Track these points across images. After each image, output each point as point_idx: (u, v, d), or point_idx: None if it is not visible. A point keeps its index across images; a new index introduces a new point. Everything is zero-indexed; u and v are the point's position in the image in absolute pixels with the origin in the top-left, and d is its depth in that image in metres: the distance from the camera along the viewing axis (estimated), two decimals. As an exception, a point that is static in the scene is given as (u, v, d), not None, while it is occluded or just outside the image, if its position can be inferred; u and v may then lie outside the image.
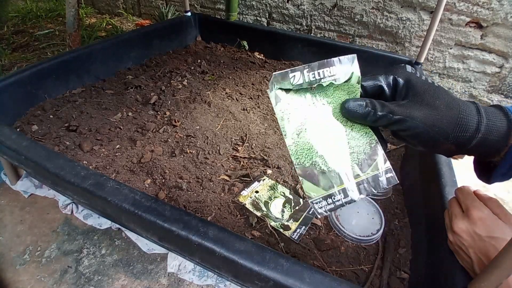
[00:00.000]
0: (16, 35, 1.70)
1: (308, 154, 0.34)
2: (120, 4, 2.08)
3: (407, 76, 0.34)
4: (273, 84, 0.34)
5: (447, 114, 0.32)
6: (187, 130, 0.86)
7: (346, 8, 1.39)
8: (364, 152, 0.34)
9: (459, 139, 0.32)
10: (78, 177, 0.55)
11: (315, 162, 0.34)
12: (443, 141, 0.32)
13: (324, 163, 0.34)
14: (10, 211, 0.81)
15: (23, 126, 0.81)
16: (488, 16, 1.15)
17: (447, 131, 0.32)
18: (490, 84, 1.27)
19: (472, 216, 0.40)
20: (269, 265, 0.42)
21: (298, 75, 0.34)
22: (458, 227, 0.41)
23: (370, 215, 0.67)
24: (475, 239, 0.39)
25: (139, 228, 0.54)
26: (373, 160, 0.34)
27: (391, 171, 0.34)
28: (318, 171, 0.34)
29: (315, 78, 0.34)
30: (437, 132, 0.32)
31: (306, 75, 0.34)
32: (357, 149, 0.34)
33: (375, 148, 0.34)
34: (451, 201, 0.46)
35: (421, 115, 0.32)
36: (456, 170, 0.62)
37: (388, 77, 0.34)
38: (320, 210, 0.33)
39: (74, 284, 0.67)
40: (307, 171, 0.34)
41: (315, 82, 0.34)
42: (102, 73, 1.07)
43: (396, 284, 0.56)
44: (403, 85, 0.34)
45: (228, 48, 1.41)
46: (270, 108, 1.00)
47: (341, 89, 0.35)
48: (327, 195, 0.33)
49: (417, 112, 0.32)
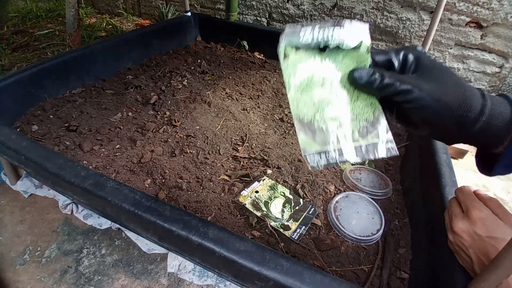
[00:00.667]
0: (16, 35, 1.70)
1: (308, 110, 0.34)
2: (120, 4, 2.08)
3: (417, 54, 0.34)
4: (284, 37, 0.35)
5: (453, 90, 0.32)
6: (187, 130, 0.86)
7: (346, 8, 1.39)
8: (366, 120, 0.34)
9: (463, 119, 0.32)
10: (78, 177, 0.55)
11: (314, 119, 0.34)
12: (447, 118, 0.32)
13: (323, 121, 0.34)
14: (10, 211, 0.81)
15: (23, 126, 0.81)
16: (488, 16, 1.15)
17: (451, 107, 0.31)
18: (490, 84, 1.27)
19: (472, 216, 0.40)
20: (269, 265, 0.42)
21: (308, 31, 0.34)
22: (458, 227, 0.41)
23: (370, 215, 0.67)
24: (475, 239, 0.39)
25: (139, 228, 0.54)
26: (375, 128, 0.34)
27: (392, 142, 0.34)
28: (316, 127, 0.34)
29: (323, 38, 0.34)
30: (442, 107, 0.31)
31: (316, 33, 0.34)
32: (360, 117, 0.34)
33: (378, 117, 0.34)
34: (451, 201, 0.46)
35: (428, 87, 0.32)
36: (456, 170, 0.62)
37: (399, 53, 0.35)
38: (313, 163, 0.33)
39: (74, 284, 0.67)
40: (305, 126, 0.34)
41: (323, 42, 0.34)
42: (102, 73, 1.07)
43: (396, 284, 0.56)
44: (412, 61, 0.34)
45: (228, 48, 1.41)
46: (270, 108, 1.00)
47: (350, 57, 0.35)
48: (322, 151, 0.33)
49: (424, 84, 0.32)
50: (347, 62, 0.35)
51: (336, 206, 0.68)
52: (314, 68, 0.35)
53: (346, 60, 0.35)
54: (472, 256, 0.39)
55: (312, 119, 0.34)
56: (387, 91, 0.32)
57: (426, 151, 0.71)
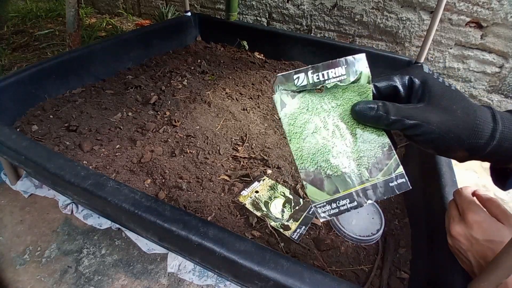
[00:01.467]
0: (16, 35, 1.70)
1: (313, 158, 0.33)
2: (120, 4, 2.08)
3: (423, 77, 0.33)
4: (278, 86, 0.34)
5: (463, 120, 0.30)
6: (187, 130, 0.86)
7: (346, 8, 1.39)
8: (375, 156, 0.33)
9: (474, 146, 0.31)
10: (78, 177, 0.55)
11: (320, 167, 0.33)
12: (457, 147, 0.31)
13: (330, 167, 0.33)
14: (10, 211, 0.81)
15: (23, 126, 0.81)
16: (488, 16, 1.15)
17: (462, 137, 0.31)
18: (490, 84, 1.27)
19: (468, 220, 0.39)
20: (269, 265, 0.42)
21: (302, 76, 0.33)
22: (455, 231, 0.41)
23: (370, 215, 0.67)
24: (472, 243, 0.39)
25: (139, 228, 0.54)
26: (385, 164, 0.32)
27: (404, 176, 0.32)
28: (323, 175, 0.33)
29: (319, 80, 0.33)
30: (452, 138, 0.31)
31: (310, 76, 0.33)
32: (367, 153, 0.33)
33: (388, 152, 0.33)
34: (449, 204, 0.45)
35: (437, 120, 0.30)
36: (456, 170, 0.62)
37: (403, 77, 0.33)
38: (324, 214, 0.32)
39: (74, 284, 0.67)
40: (311, 176, 0.33)
41: (320, 83, 0.33)
42: (102, 73, 1.07)
43: (396, 284, 0.56)
44: (419, 86, 0.33)
45: (228, 48, 1.41)
46: (270, 108, 1.00)
47: (350, 90, 0.34)
48: (332, 199, 0.32)
49: (433, 116, 0.30)
50: (348, 96, 0.34)
51: (336, 206, 0.68)
52: (314, 110, 0.34)
53: (346, 94, 0.34)
54: (471, 259, 0.39)
55: (318, 167, 0.33)
56: (393, 127, 0.31)
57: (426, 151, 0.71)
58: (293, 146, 0.34)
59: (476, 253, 0.38)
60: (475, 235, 0.38)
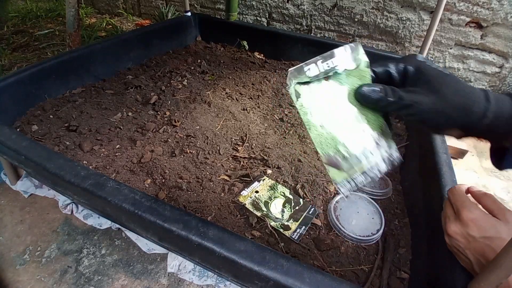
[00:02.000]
0: (16, 35, 1.70)
1: (332, 143, 0.37)
2: (120, 4, 2.08)
3: (417, 64, 0.36)
4: (291, 80, 0.37)
5: (454, 101, 0.33)
6: (187, 130, 0.86)
7: (346, 8, 1.39)
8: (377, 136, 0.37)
9: (467, 124, 0.33)
10: (78, 177, 0.55)
11: (338, 150, 0.37)
12: (449, 125, 0.34)
13: (345, 150, 0.37)
14: (10, 211, 0.81)
15: (23, 126, 0.81)
16: (488, 16, 1.15)
17: (452, 117, 0.33)
18: (490, 84, 1.27)
19: (463, 218, 0.40)
20: (269, 265, 0.42)
21: (313, 67, 0.37)
22: (451, 230, 0.41)
23: (370, 215, 0.67)
24: (469, 241, 0.39)
25: (139, 228, 0.54)
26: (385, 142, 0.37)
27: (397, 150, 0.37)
28: (341, 157, 0.37)
29: (329, 67, 0.37)
30: (443, 117, 0.33)
31: (320, 66, 0.36)
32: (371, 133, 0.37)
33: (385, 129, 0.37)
34: (445, 203, 0.46)
35: (428, 101, 0.33)
36: (456, 170, 0.62)
37: (398, 65, 0.37)
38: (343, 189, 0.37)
39: (74, 284, 0.67)
40: (332, 160, 0.37)
41: (330, 71, 0.37)
42: (102, 73, 1.07)
43: (396, 284, 0.56)
44: (413, 72, 0.36)
45: (228, 48, 1.41)
46: (270, 108, 1.00)
47: (352, 75, 0.38)
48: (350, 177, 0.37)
49: (424, 98, 0.33)
50: (351, 80, 0.38)
51: (336, 206, 0.68)
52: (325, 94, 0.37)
53: (349, 79, 0.38)
54: (470, 257, 0.39)
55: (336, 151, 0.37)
56: (390, 107, 0.35)
57: (426, 151, 0.71)
58: (312, 134, 0.37)
59: (474, 250, 0.38)
60: (472, 233, 0.38)
